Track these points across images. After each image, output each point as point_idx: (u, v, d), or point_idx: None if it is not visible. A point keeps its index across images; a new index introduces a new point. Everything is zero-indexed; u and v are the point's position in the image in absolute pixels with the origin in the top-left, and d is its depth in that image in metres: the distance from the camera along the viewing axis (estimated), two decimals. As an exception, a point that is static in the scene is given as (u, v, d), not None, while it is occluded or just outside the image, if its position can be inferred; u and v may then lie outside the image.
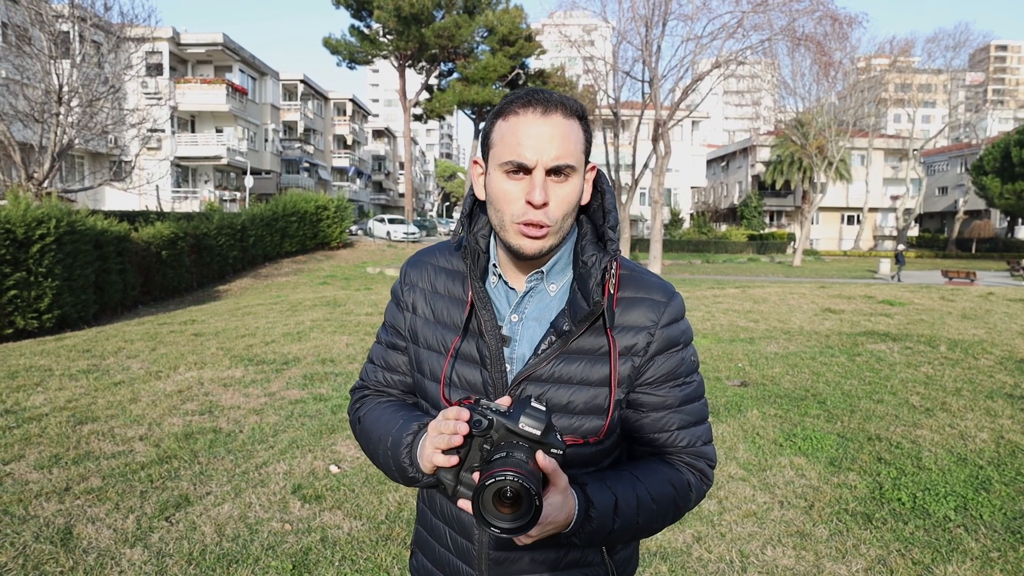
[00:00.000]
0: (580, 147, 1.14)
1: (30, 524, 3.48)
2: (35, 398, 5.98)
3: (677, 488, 1.18)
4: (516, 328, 1.20)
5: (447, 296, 1.26)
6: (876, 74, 49.17)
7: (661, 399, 1.20)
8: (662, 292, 1.22)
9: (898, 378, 6.94)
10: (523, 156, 1.09)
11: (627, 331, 1.18)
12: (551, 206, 1.11)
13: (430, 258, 1.32)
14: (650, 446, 1.23)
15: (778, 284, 19.16)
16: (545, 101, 1.11)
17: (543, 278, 1.20)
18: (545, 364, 1.15)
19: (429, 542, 1.33)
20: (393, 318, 1.34)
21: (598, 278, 1.14)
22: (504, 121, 1.13)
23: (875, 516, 3.71)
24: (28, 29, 17.02)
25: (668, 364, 1.20)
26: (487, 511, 0.96)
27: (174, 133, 33.25)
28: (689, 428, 1.22)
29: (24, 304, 11.12)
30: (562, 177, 1.11)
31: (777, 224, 58.46)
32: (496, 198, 1.14)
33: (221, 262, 20.75)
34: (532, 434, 1.02)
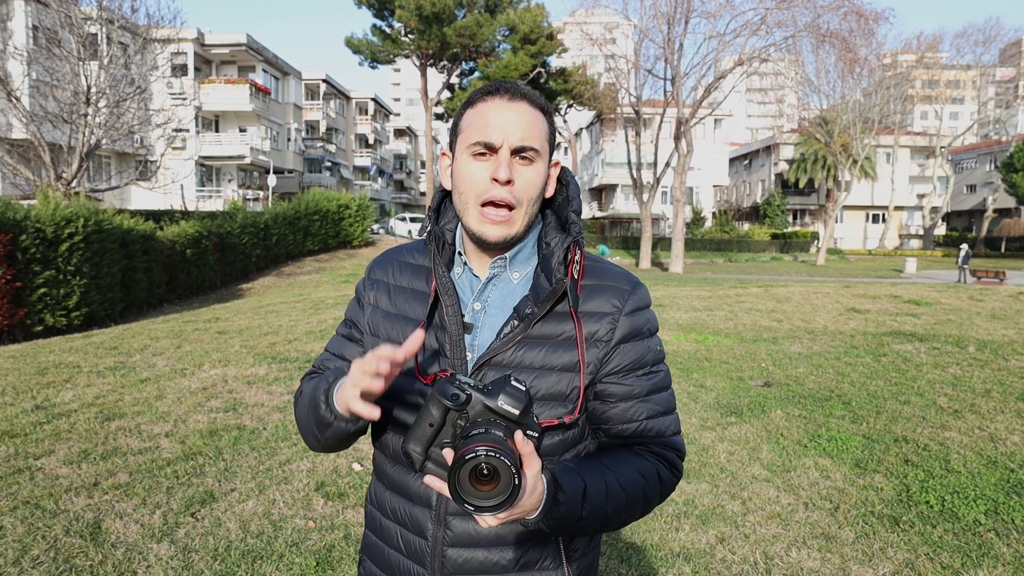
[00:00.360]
0: (545, 136, 1.16)
1: (60, 518, 3.54)
2: (64, 394, 6.09)
3: (647, 478, 1.16)
4: (478, 316, 1.19)
5: (409, 290, 1.26)
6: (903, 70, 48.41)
7: (628, 388, 1.19)
8: (626, 280, 1.22)
9: (925, 379, 6.84)
10: (489, 136, 1.12)
11: (590, 317, 1.17)
12: (516, 186, 1.13)
13: (397, 255, 1.33)
14: (619, 437, 1.21)
15: (802, 283, 18.96)
16: (511, 90, 1.15)
17: (506, 265, 1.21)
18: (507, 349, 1.14)
19: (378, 545, 1.28)
20: (353, 313, 1.34)
21: (560, 256, 1.15)
22: (472, 109, 1.16)
23: (902, 519, 3.66)
24: (58, 32, 17.32)
25: (633, 352, 1.19)
26: (463, 488, 0.93)
27: (198, 133, 33.66)
28: (657, 418, 1.21)
29: (53, 302, 11.32)
30: (527, 160, 1.13)
31: (800, 223, 57.83)
32: (462, 180, 1.15)
33: (244, 260, 20.97)
34: (511, 413, 1.00)
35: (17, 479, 4.07)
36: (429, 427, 1.02)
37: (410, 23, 34.59)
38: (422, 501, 1.19)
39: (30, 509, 3.65)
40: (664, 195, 47.41)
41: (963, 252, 27.37)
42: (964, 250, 27.51)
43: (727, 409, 5.81)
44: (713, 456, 4.66)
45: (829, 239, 41.62)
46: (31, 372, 7.05)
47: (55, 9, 16.84)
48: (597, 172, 54.43)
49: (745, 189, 62.50)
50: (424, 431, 1.03)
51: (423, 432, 1.03)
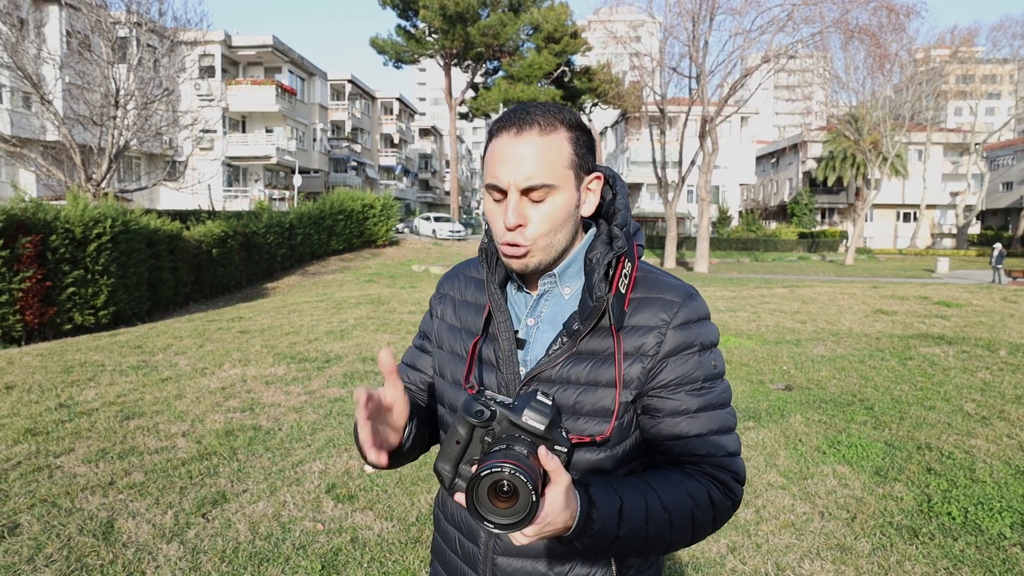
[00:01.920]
0: (562, 162, 1.11)
1: (75, 517, 3.59)
2: (87, 393, 6.19)
3: (696, 499, 1.10)
4: (531, 331, 1.20)
5: (473, 304, 1.29)
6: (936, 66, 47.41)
7: (676, 404, 1.15)
8: (677, 292, 1.18)
9: (952, 384, 6.67)
10: (497, 178, 1.10)
11: (636, 331, 1.15)
12: (530, 227, 1.11)
13: (465, 269, 1.37)
14: (667, 454, 1.18)
15: (828, 284, 18.67)
16: (520, 120, 1.10)
17: (556, 281, 1.20)
18: (555, 365, 1.14)
19: (442, 547, 1.33)
20: (426, 326, 1.40)
21: (601, 273, 1.13)
22: (490, 143, 1.14)
23: (922, 531, 3.56)
24: (89, 36, 17.66)
25: (682, 367, 1.15)
26: (481, 504, 0.92)
27: (225, 133, 34.10)
28: (709, 436, 1.15)
29: (81, 301, 11.54)
30: (539, 196, 1.10)
31: (829, 222, 56.96)
32: (487, 219, 1.17)
33: (270, 260, 21.20)
34: (535, 428, 0.99)
35: (36, 477, 4.14)
36: (456, 444, 1.03)
37: (434, 23, 34.73)
38: None
39: (47, 507, 3.70)
40: (690, 194, 47.02)
41: (997, 252, 26.65)
42: (998, 249, 26.78)
43: (745, 413, 5.72)
44: (729, 462, 4.58)
45: (858, 238, 40.93)
46: (57, 370, 7.19)
47: (86, 13, 17.17)
48: (622, 171, 54.09)
49: (772, 188, 61.73)
50: (452, 448, 1.04)
51: (451, 449, 1.04)
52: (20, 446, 4.69)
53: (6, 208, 10.50)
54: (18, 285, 10.34)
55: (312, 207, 25.28)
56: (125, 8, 17.90)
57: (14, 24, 16.90)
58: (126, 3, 17.86)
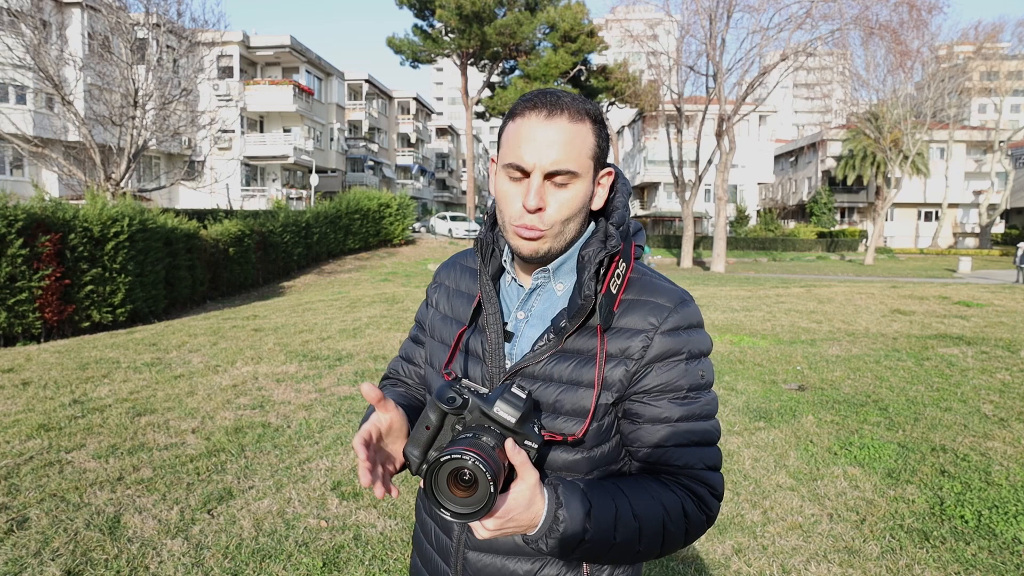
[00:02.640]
0: (587, 152, 1.10)
1: (83, 511, 3.62)
2: (101, 389, 6.25)
3: (669, 510, 1.08)
4: (520, 325, 1.19)
5: (467, 294, 1.29)
6: (959, 62, 46.69)
7: (658, 411, 1.12)
8: (669, 297, 1.15)
9: (970, 385, 6.55)
10: (521, 159, 1.07)
11: (623, 333, 1.12)
12: (548, 211, 1.09)
13: (461, 259, 1.36)
14: (644, 462, 1.15)
15: (847, 283, 18.45)
16: (551, 104, 1.08)
17: (550, 276, 1.19)
18: (539, 361, 1.13)
19: (420, 538, 1.34)
20: (421, 314, 1.40)
21: (592, 271, 1.11)
22: (512, 122, 1.11)
23: (933, 534, 3.49)
24: (109, 37, 17.88)
25: (667, 374, 1.12)
26: (439, 491, 0.91)
27: (243, 133, 34.36)
28: (688, 447, 1.13)
29: (99, 299, 11.67)
30: (562, 181, 1.09)
31: (848, 221, 56.32)
32: (499, 198, 1.14)
33: (286, 259, 21.33)
34: (506, 420, 0.97)
35: (47, 472, 4.19)
36: (426, 430, 1.02)
37: (451, 22, 34.77)
38: None
39: (56, 502, 3.74)
40: (707, 193, 46.73)
41: (1021, 251, 26.11)
42: (1022, 249, 26.26)
43: (756, 413, 5.66)
44: (737, 462, 4.53)
45: (878, 238, 40.43)
46: (73, 367, 7.27)
47: (106, 15, 17.37)
48: (639, 170, 53.90)
49: (791, 187, 61.17)
50: (421, 434, 1.03)
51: (420, 435, 1.03)
52: (33, 441, 4.74)
53: (27, 207, 10.65)
54: (38, 283, 10.48)
55: (329, 206, 25.40)
56: (144, 9, 18.09)
57: (37, 27, 17.15)
58: (145, 4, 18.06)
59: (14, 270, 10.23)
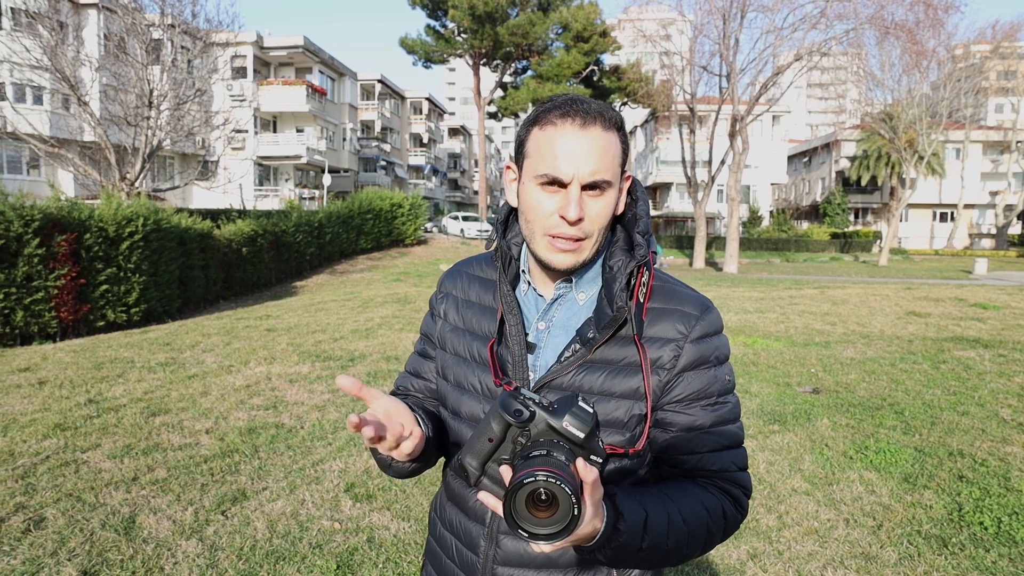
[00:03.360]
0: (617, 160, 1.10)
1: (99, 512, 3.65)
2: (115, 389, 6.30)
3: (711, 513, 1.11)
4: (542, 335, 1.18)
5: (478, 304, 1.26)
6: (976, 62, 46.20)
7: (691, 418, 1.14)
8: (695, 305, 1.16)
9: (987, 388, 6.47)
10: (559, 170, 1.06)
11: (654, 343, 1.13)
12: (586, 221, 1.09)
13: (467, 268, 1.33)
14: (679, 468, 1.17)
15: (861, 285, 18.31)
16: (584, 112, 1.07)
17: (572, 286, 1.18)
18: (567, 372, 1.12)
19: (437, 553, 1.30)
20: (427, 327, 1.35)
21: (623, 283, 1.11)
22: (541, 130, 1.09)
23: (952, 540, 3.45)
24: (124, 38, 18.02)
25: (698, 382, 1.14)
26: (518, 513, 0.89)
27: (257, 133, 34.55)
28: (722, 452, 1.16)
29: (114, 298, 11.75)
30: (598, 192, 1.09)
31: (862, 222, 55.88)
32: (529, 208, 1.11)
33: (299, 259, 21.41)
34: (575, 435, 0.96)
35: (63, 471, 4.22)
36: (488, 442, 1.00)
37: (463, 23, 34.80)
38: (476, 517, 1.20)
39: (72, 502, 3.76)
40: (719, 193, 46.49)
41: None
42: None
43: (771, 416, 5.62)
44: (752, 466, 4.50)
45: (893, 238, 40.10)
46: (88, 366, 7.33)
47: (121, 16, 17.51)
48: (651, 170, 53.74)
49: (804, 187, 60.79)
50: (483, 445, 1.01)
51: (482, 446, 1.01)
52: (49, 440, 4.78)
53: (43, 207, 10.74)
54: (53, 283, 10.57)
55: (341, 206, 25.49)
56: (159, 10, 18.22)
57: (54, 28, 17.30)
58: (160, 5, 18.19)
59: (31, 270, 10.32)
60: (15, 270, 10.16)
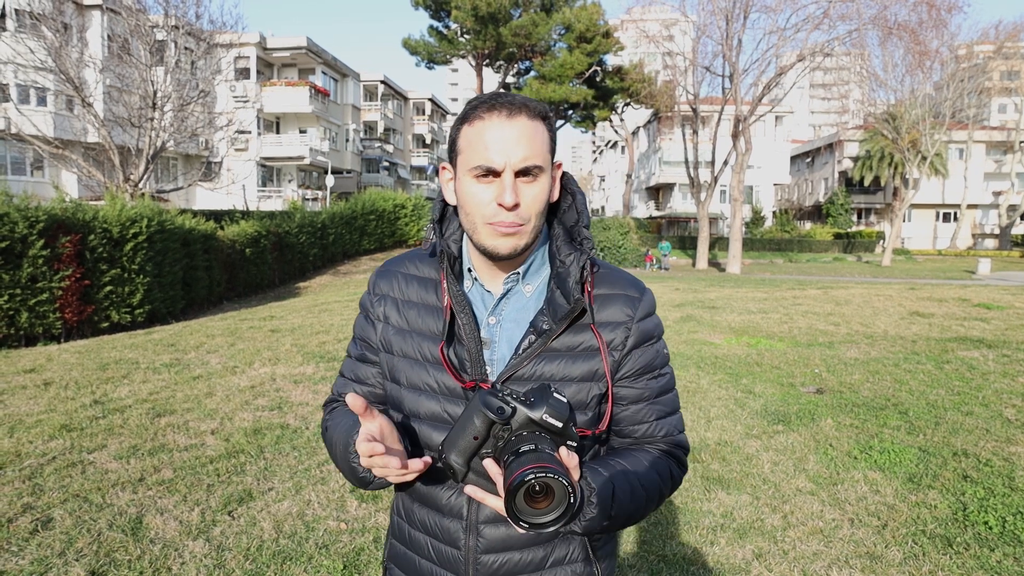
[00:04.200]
0: (546, 147, 1.15)
1: (106, 512, 3.66)
2: (121, 390, 6.32)
3: (661, 475, 1.23)
4: (494, 330, 1.21)
5: (420, 304, 1.26)
6: (979, 62, 46.10)
7: (639, 391, 1.24)
8: (635, 288, 1.26)
9: (991, 389, 6.47)
10: (491, 160, 1.10)
11: (605, 327, 1.21)
12: (522, 206, 1.12)
13: (399, 267, 1.32)
14: (630, 437, 1.27)
15: (864, 285, 18.29)
16: (509, 103, 1.12)
17: (519, 279, 1.22)
18: (526, 363, 1.17)
19: (408, 556, 1.30)
20: (363, 331, 1.33)
21: (577, 276, 1.16)
22: (470, 126, 1.13)
23: (956, 540, 3.46)
24: (128, 40, 18.07)
25: (645, 357, 1.24)
26: (520, 510, 0.95)
27: (260, 134, 34.61)
28: (666, 418, 1.27)
29: (118, 299, 11.79)
30: (531, 177, 1.12)
31: (865, 222, 55.78)
32: (467, 201, 1.15)
33: (302, 259, 21.46)
34: (555, 425, 1.02)
35: (70, 472, 4.24)
36: (474, 440, 1.04)
37: (466, 23, 34.82)
38: (452, 513, 1.22)
39: (79, 502, 3.78)
40: (722, 194, 46.48)
41: None
42: None
43: (775, 417, 5.62)
44: (756, 466, 4.51)
45: (896, 239, 40.03)
46: (93, 367, 7.35)
47: (125, 18, 17.56)
48: (654, 171, 53.71)
49: (807, 187, 60.71)
50: (468, 443, 1.05)
51: (467, 444, 1.05)
52: (55, 442, 4.80)
53: (48, 208, 10.79)
54: (58, 284, 10.61)
55: (344, 207, 25.53)
56: (163, 12, 18.27)
57: (58, 30, 17.35)
58: (164, 7, 18.23)
59: (35, 271, 10.36)
60: (20, 271, 10.20)
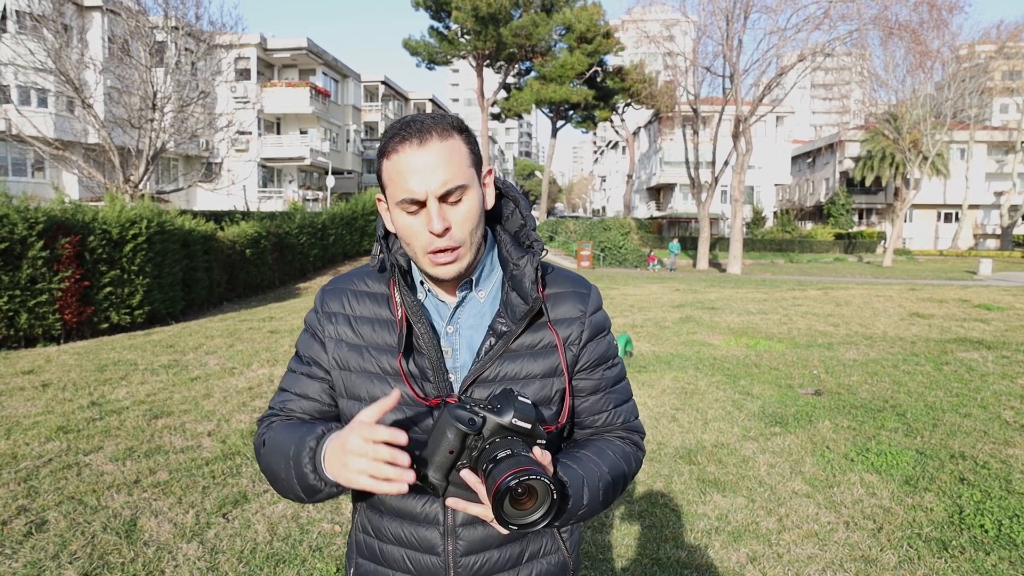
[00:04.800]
0: (466, 162, 1.15)
1: (100, 514, 3.66)
2: (119, 391, 6.32)
3: (626, 461, 1.28)
4: (453, 338, 1.23)
5: (374, 319, 1.25)
6: (980, 62, 46.03)
7: (596, 382, 1.29)
8: (582, 284, 1.30)
9: (990, 390, 6.46)
10: (412, 191, 1.11)
11: (561, 323, 1.25)
12: (453, 228, 1.13)
13: (347, 285, 1.30)
14: (591, 427, 1.32)
15: (864, 286, 18.27)
16: (419, 130, 1.12)
17: (472, 287, 1.24)
18: (489, 365, 1.19)
19: (380, 571, 1.27)
20: (308, 348, 1.29)
21: (532, 277, 1.19)
22: (388, 160, 1.14)
23: (952, 543, 3.45)
24: (128, 41, 18.09)
25: (599, 349, 1.29)
26: (508, 515, 0.98)
27: (260, 135, 34.63)
28: (622, 405, 1.33)
29: (118, 300, 11.78)
30: (455, 197, 1.13)
31: (867, 222, 55.71)
32: (402, 233, 1.16)
33: (302, 260, 21.45)
34: (524, 428, 1.05)
35: (66, 474, 4.24)
36: (449, 454, 1.05)
37: (466, 24, 34.85)
38: (429, 520, 1.22)
39: (74, 504, 3.78)
40: (723, 194, 46.44)
41: None
42: None
43: (772, 419, 5.61)
44: (753, 468, 4.50)
45: (897, 239, 39.99)
46: (91, 368, 7.36)
47: (125, 19, 17.58)
48: (655, 171, 53.71)
49: (808, 188, 60.65)
50: (444, 458, 1.06)
51: (443, 459, 1.06)
52: (52, 443, 4.80)
53: (47, 210, 10.78)
54: (57, 285, 10.60)
55: (344, 208, 25.54)
56: (163, 13, 18.28)
57: (58, 31, 17.37)
58: (164, 8, 18.25)
59: (35, 272, 10.36)
60: (19, 272, 10.19)
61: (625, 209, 49.44)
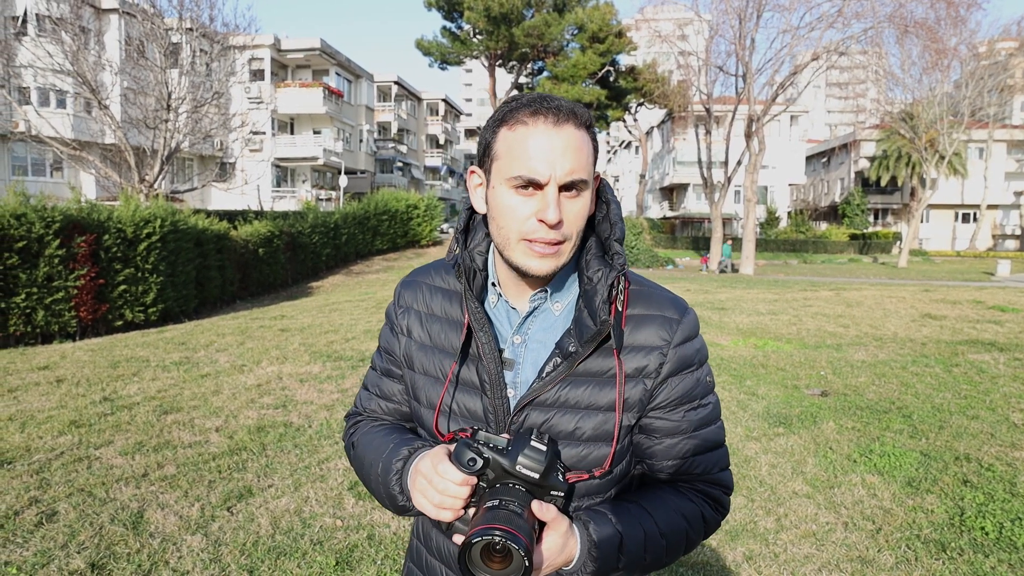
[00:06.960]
0: (591, 159, 1.06)
1: (108, 506, 3.74)
2: (130, 387, 6.42)
3: (690, 520, 1.12)
4: (519, 350, 1.12)
5: (444, 318, 1.18)
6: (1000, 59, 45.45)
7: (675, 424, 1.13)
8: (674, 308, 1.14)
9: (1000, 392, 6.41)
10: (535, 170, 1.01)
11: (638, 351, 1.10)
12: (565, 223, 1.04)
13: (425, 278, 1.24)
14: (663, 473, 1.16)
15: (877, 287, 18.14)
16: (556, 109, 1.02)
17: (548, 296, 1.13)
18: (550, 388, 1.08)
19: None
20: (388, 343, 1.26)
21: (604, 295, 1.06)
22: (510, 130, 1.04)
23: (951, 545, 3.44)
24: (144, 43, 18.31)
25: (682, 386, 1.13)
26: (475, 565, 0.92)
27: (274, 135, 34.90)
28: (705, 454, 1.16)
29: (132, 298, 11.96)
30: (575, 192, 1.04)
31: (882, 223, 55.25)
32: (502, 214, 1.05)
33: (315, 259, 21.62)
34: (530, 477, 0.96)
35: (76, 467, 4.32)
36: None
37: (479, 24, 34.86)
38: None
39: (83, 496, 3.86)
40: (736, 194, 46.22)
41: None
42: None
43: (776, 419, 5.61)
44: (754, 468, 4.51)
45: (913, 240, 39.62)
46: (105, 365, 7.47)
47: (140, 21, 17.79)
48: (668, 171, 53.56)
49: (823, 188, 60.22)
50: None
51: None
52: (64, 437, 4.90)
53: (63, 209, 10.96)
54: (73, 283, 10.78)
55: (357, 207, 25.70)
56: (178, 15, 18.49)
57: (76, 34, 17.61)
58: (179, 10, 18.45)
59: (51, 270, 10.53)
60: (37, 270, 10.38)
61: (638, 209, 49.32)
